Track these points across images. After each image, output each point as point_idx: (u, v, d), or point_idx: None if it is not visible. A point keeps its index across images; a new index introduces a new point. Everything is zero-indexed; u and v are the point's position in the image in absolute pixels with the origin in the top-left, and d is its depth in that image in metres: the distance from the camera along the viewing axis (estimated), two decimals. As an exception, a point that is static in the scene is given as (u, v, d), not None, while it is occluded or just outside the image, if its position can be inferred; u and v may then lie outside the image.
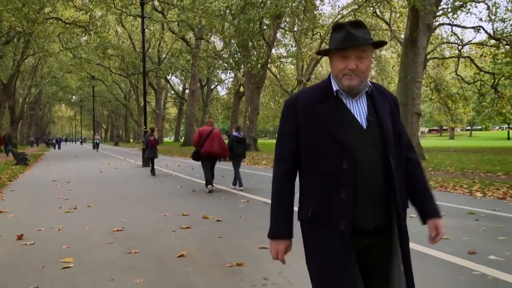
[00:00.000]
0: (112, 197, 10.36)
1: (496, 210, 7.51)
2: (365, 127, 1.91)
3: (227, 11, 23.71)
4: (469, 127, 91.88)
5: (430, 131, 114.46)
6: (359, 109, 1.94)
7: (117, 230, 6.51)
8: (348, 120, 1.91)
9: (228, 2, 24.00)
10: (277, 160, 2.04)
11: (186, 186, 12.42)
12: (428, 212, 2.04)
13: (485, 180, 11.28)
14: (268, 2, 23.01)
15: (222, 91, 73.95)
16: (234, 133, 11.77)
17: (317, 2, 35.91)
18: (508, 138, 58.19)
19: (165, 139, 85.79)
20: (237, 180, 11.52)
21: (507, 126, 66.39)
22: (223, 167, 16.81)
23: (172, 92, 70.48)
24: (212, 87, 63.36)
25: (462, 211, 7.44)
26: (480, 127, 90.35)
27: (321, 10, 43.02)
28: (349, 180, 1.84)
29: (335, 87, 1.95)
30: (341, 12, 41.37)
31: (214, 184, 11.38)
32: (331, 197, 1.86)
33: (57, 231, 6.62)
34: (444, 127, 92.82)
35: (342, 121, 1.89)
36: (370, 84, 1.99)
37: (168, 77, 63.34)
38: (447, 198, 8.99)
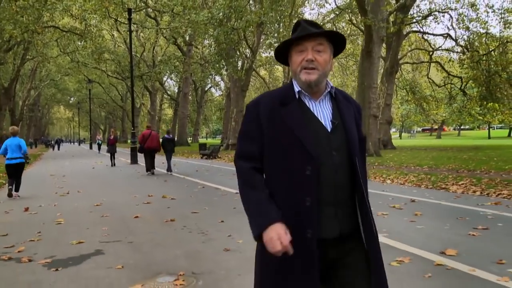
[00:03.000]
0: (98, 185, 12.82)
1: (385, 191, 9.95)
2: (329, 129, 1.86)
3: (211, 21, 26.01)
4: (462, 127, 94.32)
5: (424, 130, 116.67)
6: (323, 112, 1.89)
7: (97, 205, 8.95)
8: (312, 122, 1.85)
9: (211, 14, 26.39)
10: (239, 157, 1.96)
11: (162, 178, 14.80)
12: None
13: (406, 172, 13.71)
14: (248, 15, 25.45)
15: (216, 92, 75.64)
16: (166, 136, 17.09)
17: (304, 10, 38.47)
18: (489, 138, 60.52)
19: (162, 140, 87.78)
20: (168, 167, 16.59)
21: (494, 125, 68.94)
22: (199, 163, 19.20)
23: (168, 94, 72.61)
24: (205, 89, 65.91)
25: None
26: (467, 126, 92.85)
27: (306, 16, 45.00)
28: (313, 186, 1.78)
29: (296, 88, 1.90)
30: (324, 20, 43.88)
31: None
32: (295, 204, 1.79)
33: (53, 206, 9.04)
34: (435, 127, 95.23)
35: (305, 124, 1.83)
36: (332, 85, 1.94)
37: (165, 79, 65.87)
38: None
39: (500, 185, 9.72)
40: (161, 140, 17.37)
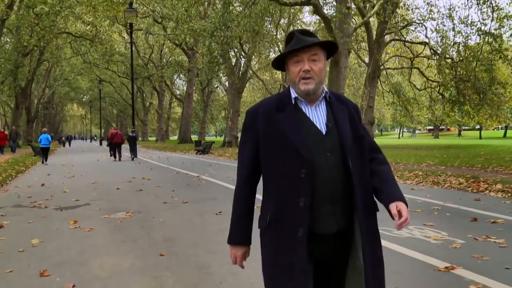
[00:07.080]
0: (99, 172, 16.27)
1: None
2: (324, 132, 1.95)
3: (203, 33, 29.18)
4: (466, 128, 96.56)
5: (429, 130, 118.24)
6: (318, 116, 1.99)
7: (93, 183, 12.40)
8: (307, 127, 1.95)
9: (206, 25, 29.59)
10: (239, 167, 2.09)
11: (150, 167, 18.20)
12: (390, 194, 1.99)
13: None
14: (240, 24, 28.62)
15: (222, 92, 78.43)
16: (130, 134, 23.23)
17: (301, 15, 41.67)
18: (480, 138, 63.26)
19: (171, 138, 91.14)
20: (132, 155, 23.83)
21: (503, 126, 71.38)
22: (190, 158, 22.51)
23: (177, 93, 75.41)
24: (211, 89, 69.15)
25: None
26: (468, 127, 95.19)
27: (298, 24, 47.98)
28: (307, 189, 1.87)
29: (293, 94, 2.00)
30: (320, 25, 46.96)
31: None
32: (290, 205, 1.89)
33: (61, 183, 12.50)
34: (441, 127, 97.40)
35: (300, 129, 1.93)
36: (327, 90, 2.03)
37: (174, 78, 69.28)
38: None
39: (407, 173, 12.92)
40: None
